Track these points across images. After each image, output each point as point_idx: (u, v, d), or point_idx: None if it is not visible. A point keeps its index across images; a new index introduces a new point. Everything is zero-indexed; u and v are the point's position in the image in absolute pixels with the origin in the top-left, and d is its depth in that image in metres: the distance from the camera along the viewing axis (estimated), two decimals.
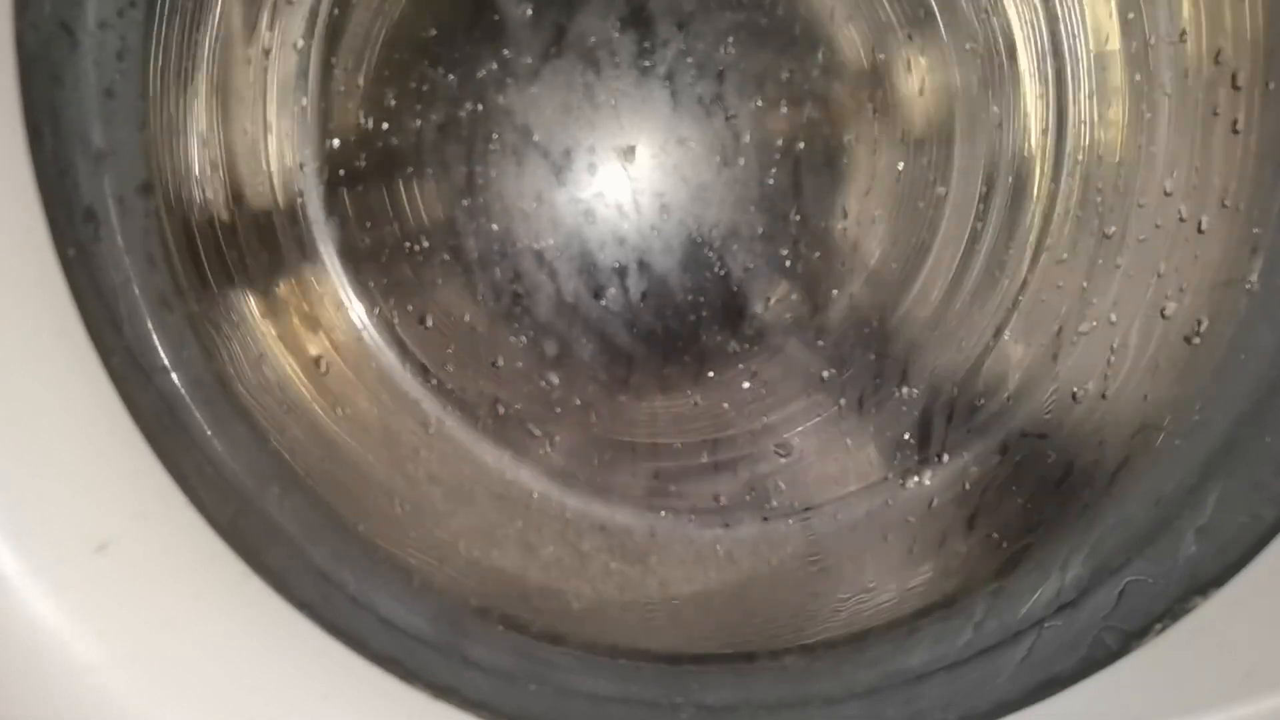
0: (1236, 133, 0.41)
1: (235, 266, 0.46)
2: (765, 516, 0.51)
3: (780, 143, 0.50)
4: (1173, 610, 0.36)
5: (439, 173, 0.50)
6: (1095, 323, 0.46)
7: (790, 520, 0.51)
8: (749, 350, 0.52)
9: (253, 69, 0.48)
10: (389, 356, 0.52)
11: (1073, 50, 0.48)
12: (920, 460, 0.50)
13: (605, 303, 0.51)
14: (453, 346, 0.52)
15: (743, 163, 0.50)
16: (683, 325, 0.51)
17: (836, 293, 0.51)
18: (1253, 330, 0.38)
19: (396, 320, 0.52)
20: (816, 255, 0.51)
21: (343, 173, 0.51)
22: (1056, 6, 0.48)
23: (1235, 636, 0.35)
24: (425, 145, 0.50)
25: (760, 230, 0.50)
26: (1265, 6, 0.39)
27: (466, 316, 0.52)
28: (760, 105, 0.49)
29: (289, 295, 0.50)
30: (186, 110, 0.44)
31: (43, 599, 0.33)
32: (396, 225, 0.51)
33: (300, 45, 0.49)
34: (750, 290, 0.51)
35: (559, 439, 0.52)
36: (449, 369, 0.52)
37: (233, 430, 0.40)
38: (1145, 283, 0.44)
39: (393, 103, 0.50)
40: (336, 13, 0.50)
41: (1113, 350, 0.44)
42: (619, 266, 0.51)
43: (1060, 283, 0.48)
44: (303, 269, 0.51)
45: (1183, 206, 0.43)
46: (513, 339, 0.52)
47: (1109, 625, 0.37)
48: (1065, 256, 0.48)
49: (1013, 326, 0.50)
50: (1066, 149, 0.48)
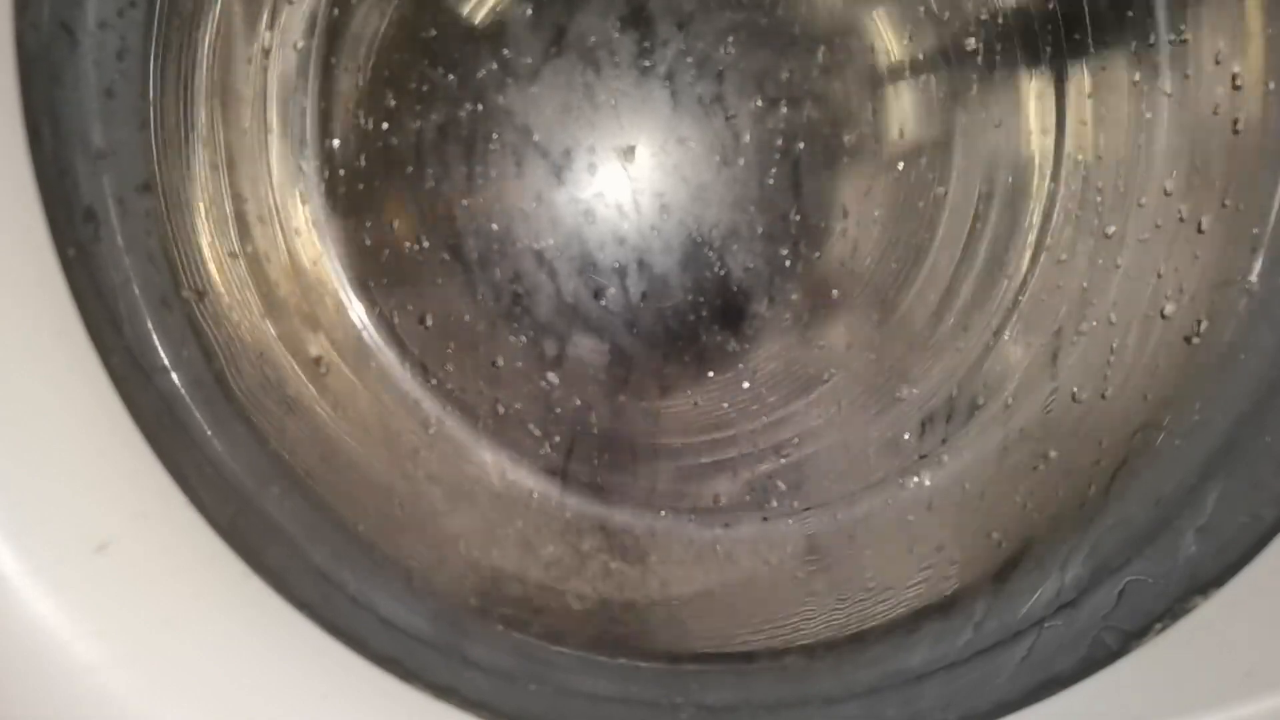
0: (1236, 133, 0.41)
1: (235, 267, 0.46)
2: (765, 516, 0.51)
3: (780, 143, 0.50)
4: (1173, 610, 0.36)
5: (439, 173, 0.50)
6: (1095, 323, 0.46)
7: (790, 520, 0.51)
8: (749, 350, 0.52)
9: (253, 69, 0.48)
10: (389, 356, 0.52)
11: (1073, 50, 0.48)
12: (920, 460, 0.50)
13: (605, 303, 0.51)
14: (453, 346, 0.52)
15: (742, 163, 0.50)
16: (683, 325, 0.51)
17: (836, 293, 0.51)
18: (1253, 330, 0.38)
19: (396, 320, 0.52)
20: (816, 255, 0.51)
21: (343, 173, 0.51)
22: (1056, 6, 0.48)
23: (1235, 636, 0.35)
24: (425, 145, 0.50)
25: (760, 230, 0.50)
26: (1265, 6, 0.39)
27: (466, 316, 0.52)
28: (760, 105, 0.49)
29: (289, 295, 0.50)
30: (186, 110, 0.44)
31: (43, 599, 0.33)
32: (396, 225, 0.51)
33: (300, 45, 0.49)
34: (750, 290, 0.51)
35: (559, 439, 0.52)
36: (449, 369, 0.52)
37: (233, 430, 0.40)
38: (1145, 283, 0.44)
39: (393, 103, 0.50)
40: (336, 13, 0.50)
41: (1113, 350, 0.44)
42: (619, 266, 0.51)
43: (1060, 283, 0.48)
44: (303, 269, 0.51)
45: (1183, 206, 0.43)
46: (513, 339, 0.51)
47: (1109, 625, 0.37)
48: (1065, 257, 0.48)
49: (1013, 326, 0.50)
50: (1066, 149, 0.48)
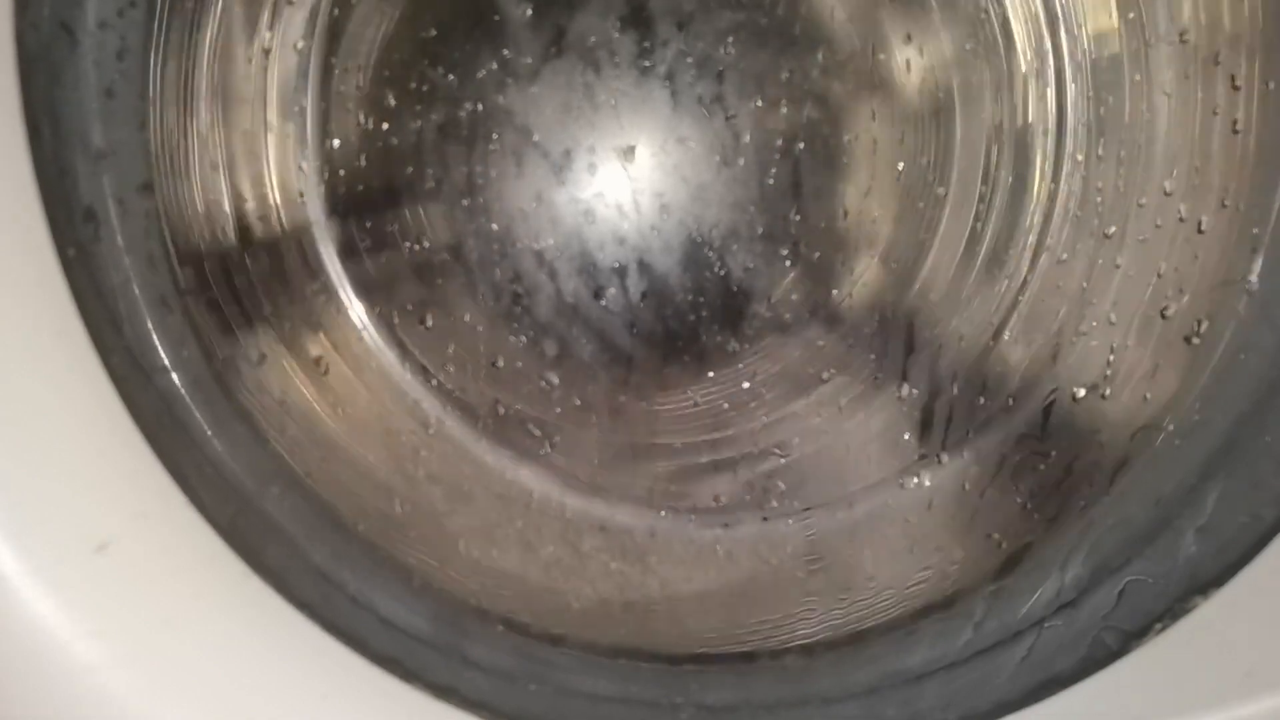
0: (1236, 133, 0.41)
1: (235, 267, 0.46)
2: (765, 516, 0.51)
3: (780, 143, 0.50)
4: (1173, 610, 0.36)
5: (439, 173, 0.50)
6: (1095, 323, 0.46)
7: (790, 520, 0.51)
8: (749, 350, 0.52)
9: (253, 69, 0.48)
10: (389, 356, 0.52)
11: (1073, 51, 0.48)
12: (920, 460, 0.50)
13: (605, 303, 0.51)
14: (453, 346, 0.52)
15: (743, 162, 0.50)
16: (683, 325, 0.51)
17: (836, 293, 0.51)
18: (1253, 330, 0.38)
19: (396, 320, 0.52)
20: (816, 255, 0.51)
21: (343, 173, 0.51)
22: (1056, 7, 0.48)
23: (1235, 636, 0.35)
24: (425, 145, 0.50)
25: (760, 230, 0.50)
26: (1265, 7, 0.39)
27: (466, 316, 0.52)
28: (760, 105, 0.49)
29: (289, 295, 0.50)
30: (186, 110, 0.44)
31: (43, 599, 0.33)
32: (396, 225, 0.51)
33: (300, 45, 0.49)
34: (750, 290, 0.51)
35: (559, 439, 0.52)
36: (449, 369, 0.52)
37: (233, 430, 0.40)
38: (1145, 283, 0.44)
39: (393, 103, 0.50)
40: (336, 13, 0.50)
41: (1113, 350, 0.44)
42: (619, 266, 0.51)
43: (1060, 283, 0.48)
44: (302, 269, 0.51)
45: (1183, 206, 0.43)
46: (513, 339, 0.51)
47: (1109, 625, 0.37)
48: (1065, 257, 0.48)
49: (1013, 326, 0.49)
50: (1066, 149, 0.48)
